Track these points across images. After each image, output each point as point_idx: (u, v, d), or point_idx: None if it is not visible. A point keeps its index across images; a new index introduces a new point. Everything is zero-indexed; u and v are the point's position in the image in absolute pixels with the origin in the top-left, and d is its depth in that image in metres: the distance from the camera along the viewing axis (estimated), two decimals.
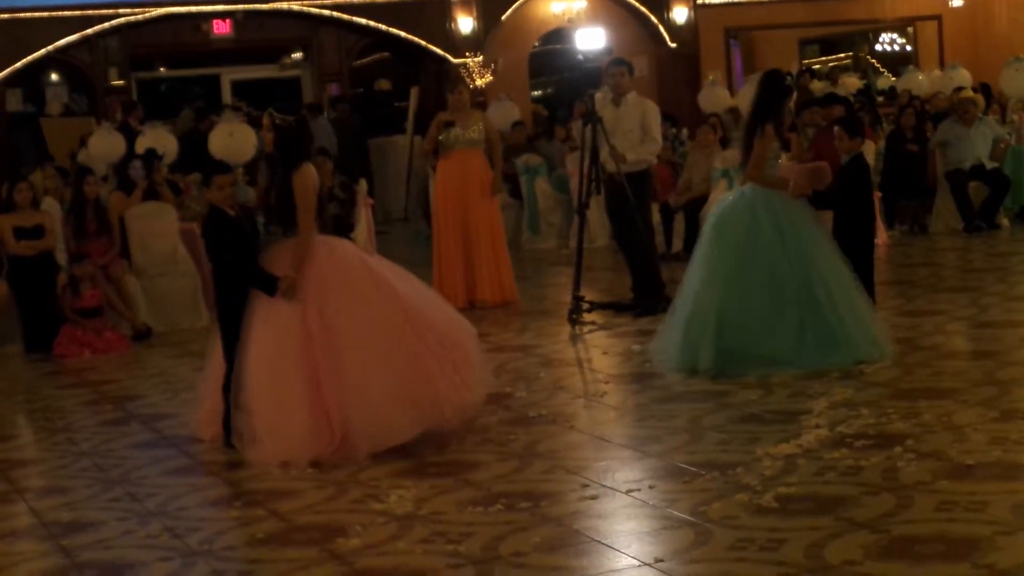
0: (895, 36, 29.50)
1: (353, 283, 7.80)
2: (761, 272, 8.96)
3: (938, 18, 27.73)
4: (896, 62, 27.88)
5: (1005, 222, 15.93)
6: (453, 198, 12.86)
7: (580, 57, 12.65)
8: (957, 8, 27.17)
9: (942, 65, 25.36)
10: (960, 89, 19.89)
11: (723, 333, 8.94)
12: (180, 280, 13.10)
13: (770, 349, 8.83)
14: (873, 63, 29.28)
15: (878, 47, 29.64)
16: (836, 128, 9.98)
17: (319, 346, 7.61)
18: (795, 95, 9.76)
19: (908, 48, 29.04)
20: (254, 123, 17.76)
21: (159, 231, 13.25)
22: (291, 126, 8.12)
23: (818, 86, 23.29)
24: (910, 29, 28.85)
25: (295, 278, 7.71)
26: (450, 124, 12.84)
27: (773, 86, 9.49)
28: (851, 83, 24.39)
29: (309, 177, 7.90)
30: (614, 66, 12.25)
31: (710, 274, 9.09)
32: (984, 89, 20.64)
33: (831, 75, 24.44)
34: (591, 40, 24.70)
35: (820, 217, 9.53)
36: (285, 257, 7.82)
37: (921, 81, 22.12)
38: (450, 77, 13.14)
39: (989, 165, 15.95)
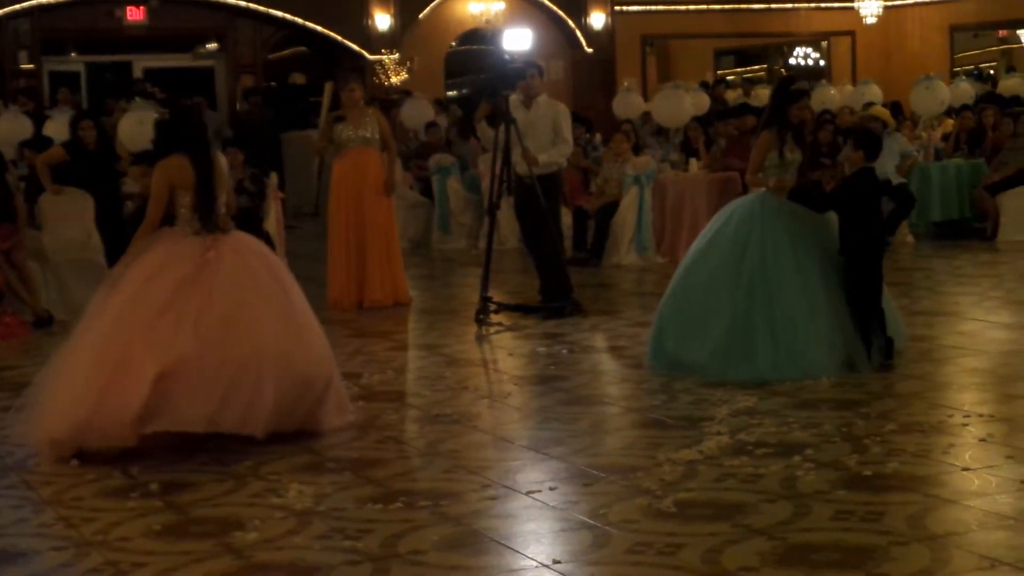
0: (810, 50, 29.81)
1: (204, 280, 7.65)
2: (704, 275, 9.01)
3: (851, 34, 28.05)
4: (810, 76, 28.11)
5: (910, 239, 16.12)
6: (346, 198, 12.71)
7: (507, 57, 12.64)
8: (870, 25, 27.48)
9: (855, 80, 25.64)
10: (870, 104, 20.10)
11: (663, 331, 9.09)
12: (89, 268, 12.93)
13: (693, 357, 8.87)
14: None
15: (792, 61, 29.93)
16: (849, 140, 9.71)
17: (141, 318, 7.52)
18: (803, 100, 9.60)
19: (822, 63, 29.35)
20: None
21: (73, 216, 13.10)
22: (166, 120, 8.15)
23: (732, 96, 23.49)
24: (824, 44, 29.16)
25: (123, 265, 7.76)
26: (339, 119, 12.72)
27: (777, 92, 9.47)
28: (765, 95, 24.58)
29: (163, 169, 7.84)
30: (527, 68, 12.24)
31: (678, 269, 9.28)
32: (894, 106, 20.88)
33: (744, 86, 24.62)
34: (516, 41, 24.72)
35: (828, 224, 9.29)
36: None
37: (833, 95, 22.33)
38: (342, 75, 13.13)
39: (896, 180, 16.12)
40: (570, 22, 25.90)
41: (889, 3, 27.57)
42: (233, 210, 8.11)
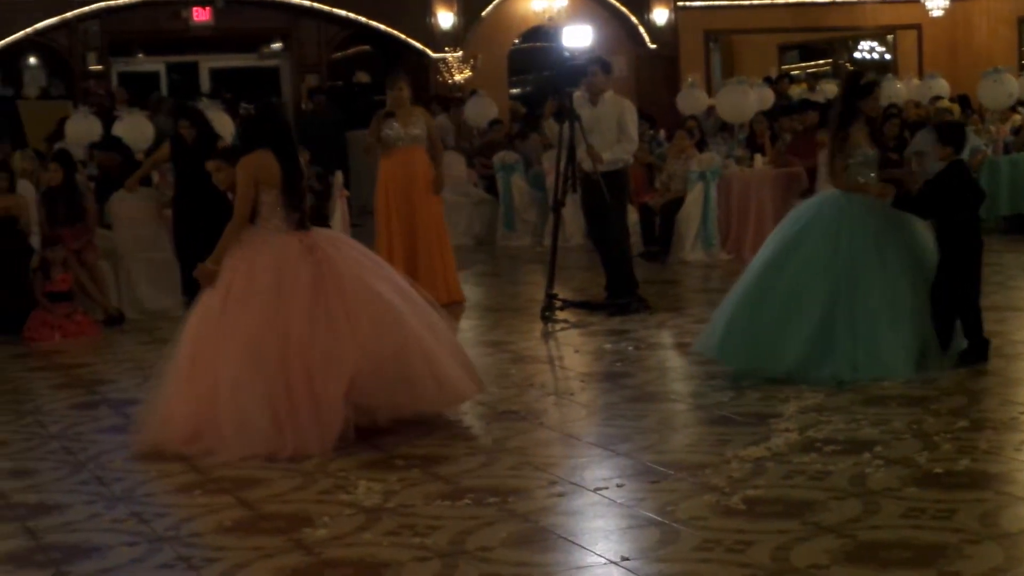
0: (875, 44, 29.59)
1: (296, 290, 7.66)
2: (788, 277, 8.78)
3: (918, 27, 27.81)
4: (875, 70, 27.95)
5: None
6: (396, 197, 12.69)
7: (567, 54, 12.64)
8: (937, 18, 27.23)
9: (921, 74, 25.43)
10: (937, 98, 19.93)
11: (732, 329, 8.84)
12: (159, 266, 13.04)
13: (781, 356, 8.65)
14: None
15: (858, 55, 29.71)
16: (917, 135, 9.52)
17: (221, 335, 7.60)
18: (874, 93, 9.36)
19: (888, 57, 29.13)
20: (232, 111, 17.73)
21: (141, 215, 13.22)
22: (249, 116, 8.14)
23: (796, 91, 23.37)
24: (890, 37, 28.94)
25: (210, 269, 7.73)
26: (390, 115, 12.70)
27: (848, 88, 9.21)
28: (831, 90, 24.43)
29: (248, 164, 7.85)
30: (590, 65, 12.23)
31: (753, 264, 9.05)
32: (962, 100, 20.69)
33: (809, 81, 24.46)
34: (577, 37, 24.68)
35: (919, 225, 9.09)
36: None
37: (899, 90, 22.17)
38: (391, 73, 13.08)
39: None
40: (633, 18, 25.83)
41: None
42: (308, 208, 8.17)
